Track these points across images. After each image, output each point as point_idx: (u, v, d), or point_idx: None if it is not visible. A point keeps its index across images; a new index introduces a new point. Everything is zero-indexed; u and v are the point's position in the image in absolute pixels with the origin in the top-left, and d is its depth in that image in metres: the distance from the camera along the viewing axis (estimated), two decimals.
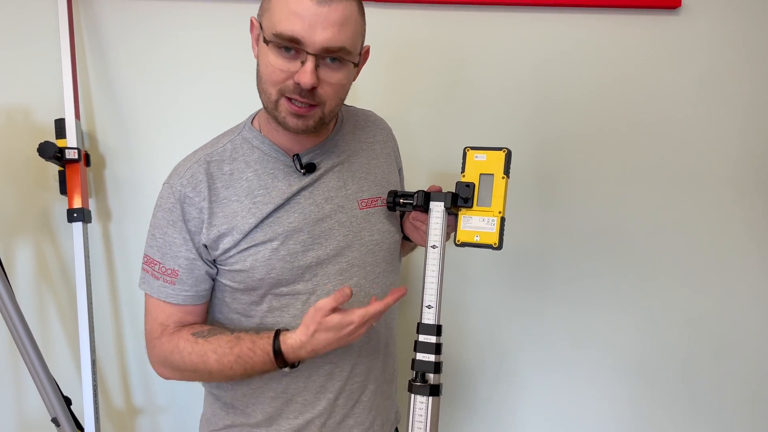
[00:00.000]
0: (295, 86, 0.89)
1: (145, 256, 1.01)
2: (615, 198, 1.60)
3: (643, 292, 1.63)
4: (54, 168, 1.47)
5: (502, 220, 1.00)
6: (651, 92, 1.58)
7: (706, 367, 1.66)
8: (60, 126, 1.41)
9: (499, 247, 1.00)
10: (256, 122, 1.04)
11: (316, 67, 0.88)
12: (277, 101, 0.92)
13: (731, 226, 1.62)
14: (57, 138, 1.41)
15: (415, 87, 1.56)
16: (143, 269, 1.01)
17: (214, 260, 1.00)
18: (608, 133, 1.59)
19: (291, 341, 0.94)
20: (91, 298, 1.42)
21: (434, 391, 0.97)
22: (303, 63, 0.88)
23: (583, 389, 1.66)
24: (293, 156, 1.00)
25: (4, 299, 1.30)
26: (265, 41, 0.89)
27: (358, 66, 0.97)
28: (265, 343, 0.94)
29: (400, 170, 1.22)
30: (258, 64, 0.95)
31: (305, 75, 0.88)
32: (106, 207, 1.52)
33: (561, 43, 1.56)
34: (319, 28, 0.86)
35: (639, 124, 1.59)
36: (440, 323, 0.99)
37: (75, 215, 1.39)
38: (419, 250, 1.25)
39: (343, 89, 0.95)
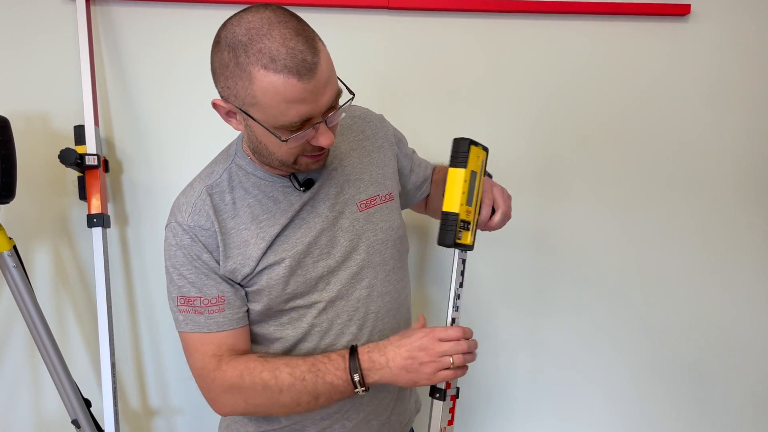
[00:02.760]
0: (314, 147, 0.91)
1: (179, 298, 0.97)
2: (623, 202, 1.62)
3: (650, 294, 1.65)
4: (72, 173, 1.50)
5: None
6: (660, 97, 1.59)
7: (713, 369, 1.67)
8: (79, 132, 1.43)
9: (472, 247, 1.00)
10: (245, 146, 1.00)
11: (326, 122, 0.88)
12: (294, 162, 0.93)
13: (739, 229, 1.64)
14: (76, 144, 1.43)
15: (424, 92, 1.57)
16: (180, 311, 0.98)
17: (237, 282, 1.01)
18: (617, 138, 1.60)
19: (367, 344, 0.98)
20: (110, 302, 1.44)
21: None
22: (315, 127, 0.87)
23: (591, 391, 1.68)
24: (289, 175, 1.00)
25: (26, 303, 1.32)
26: (266, 129, 0.87)
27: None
28: (342, 350, 0.98)
29: (406, 155, 1.18)
30: (253, 137, 0.92)
31: (325, 138, 0.89)
32: (123, 211, 1.54)
33: (571, 49, 1.57)
34: (319, 97, 0.84)
35: (648, 129, 1.60)
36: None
37: (95, 220, 1.41)
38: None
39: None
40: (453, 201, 0.96)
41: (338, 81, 0.89)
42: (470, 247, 1.00)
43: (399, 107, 1.27)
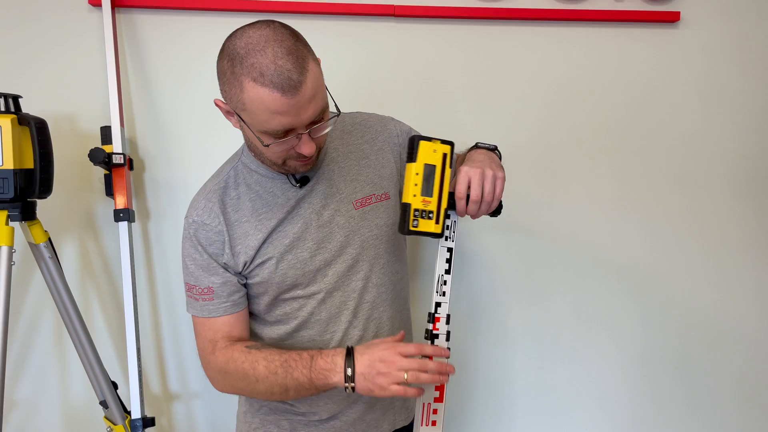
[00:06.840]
0: (298, 154, 1.00)
1: (185, 283, 1.13)
2: (618, 200, 1.69)
3: (646, 289, 1.71)
4: (98, 171, 1.58)
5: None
6: (651, 102, 1.66)
7: (709, 363, 1.73)
8: (106, 133, 1.51)
9: (441, 235, 1.07)
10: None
11: (309, 133, 0.97)
12: (283, 164, 1.03)
13: (731, 226, 1.70)
14: (103, 144, 1.51)
15: (429, 98, 1.64)
16: (187, 295, 1.14)
17: (239, 273, 1.11)
18: (611, 141, 1.67)
19: (338, 347, 1.08)
20: (135, 292, 1.53)
21: None
22: (298, 137, 0.96)
23: (584, 384, 1.74)
24: (287, 173, 1.10)
25: (60, 291, 1.41)
26: (253, 132, 0.97)
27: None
28: (314, 351, 1.04)
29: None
30: (246, 137, 1.05)
31: (307, 148, 0.97)
32: (146, 207, 1.63)
33: (566, 55, 1.64)
34: (302, 112, 0.93)
35: (640, 133, 1.67)
36: (449, 312, 1.10)
37: (121, 215, 1.50)
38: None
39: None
40: (407, 192, 1.04)
41: (327, 98, 0.98)
42: (438, 235, 1.07)
43: (403, 113, 1.34)
